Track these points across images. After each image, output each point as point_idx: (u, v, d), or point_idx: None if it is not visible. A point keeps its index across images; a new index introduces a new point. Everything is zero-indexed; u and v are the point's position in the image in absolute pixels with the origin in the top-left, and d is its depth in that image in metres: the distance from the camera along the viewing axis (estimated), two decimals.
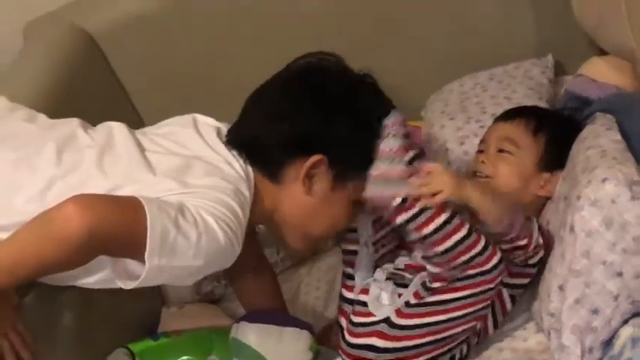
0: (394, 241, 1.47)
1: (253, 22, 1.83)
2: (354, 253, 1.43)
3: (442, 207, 1.27)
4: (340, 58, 1.34)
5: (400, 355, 1.35)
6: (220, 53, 1.86)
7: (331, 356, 1.45)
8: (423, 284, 1.33)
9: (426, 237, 1.27)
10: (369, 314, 1.36)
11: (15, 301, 1.19)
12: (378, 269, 1.42)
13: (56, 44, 1.75)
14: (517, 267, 1.37)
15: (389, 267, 1.42)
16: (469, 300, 1.32)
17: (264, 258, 1.55)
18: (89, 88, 1.73)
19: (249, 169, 1.27)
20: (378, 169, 1.29)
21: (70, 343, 1.34)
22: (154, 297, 1.60)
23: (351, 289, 1.43)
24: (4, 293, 1.15)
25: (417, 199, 1.26)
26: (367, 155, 1.29)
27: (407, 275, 1.39)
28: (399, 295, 1.36)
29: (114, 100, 1.85)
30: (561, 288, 1.28)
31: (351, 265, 1.44)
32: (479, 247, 1.28)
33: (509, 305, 1.40)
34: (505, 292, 1.39)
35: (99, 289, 1.22)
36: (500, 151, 1.50)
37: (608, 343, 1.24)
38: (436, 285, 1.31)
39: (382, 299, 1.36)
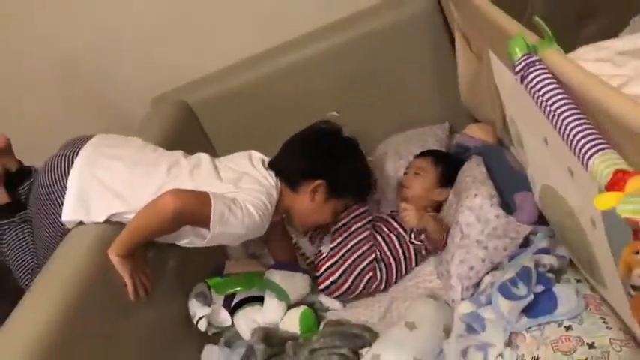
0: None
1: (298, 101, 1.70)
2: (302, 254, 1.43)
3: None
4: (337, 125, 1.34)
5: (340, 262, 1.31)
6: (275, 117, 1.74)
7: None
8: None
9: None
10: (323, 254, 1.34)
11: (142, 254, 1.17)
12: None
13: (167, 112, 1.68)
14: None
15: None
16: (362, 229, 1.32)
17: (287, 231, 1.51)
18: (188, 139, 1.66)
19: (278, 183, 1.25)
20: None
21: (172, 278, 1.30)
22: (222, 254, 1.55)
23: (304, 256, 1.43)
24: (137, 249, 1.12)
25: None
26: (347, 185, 1.28)
27: None
28: None
29: (203, 146, 1.73)
30: (452, 257, 1.25)
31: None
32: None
33: (414, 264, 1.38)
34: (413, 258, 1.38)
35: (190, 248, 1.19)
36: (416, 174, 1.47)
37: (477, 284, 1.21)
38: (343, 221, 1.32)
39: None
